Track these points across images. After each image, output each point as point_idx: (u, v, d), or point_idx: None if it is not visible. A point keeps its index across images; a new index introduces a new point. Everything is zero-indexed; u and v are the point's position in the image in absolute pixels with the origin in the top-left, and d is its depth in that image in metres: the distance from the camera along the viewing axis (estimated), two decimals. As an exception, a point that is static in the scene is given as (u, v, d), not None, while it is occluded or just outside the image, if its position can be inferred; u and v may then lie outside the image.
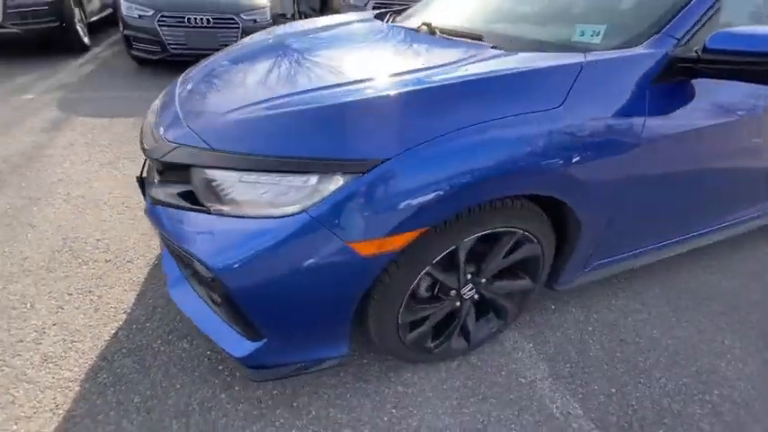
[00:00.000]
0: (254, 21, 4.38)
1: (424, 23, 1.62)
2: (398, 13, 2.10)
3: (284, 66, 1.34)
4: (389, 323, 1.14)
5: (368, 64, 1.23)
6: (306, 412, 1.23)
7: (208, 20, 4.17)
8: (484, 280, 1.26)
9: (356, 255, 0.93)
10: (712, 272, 1.95)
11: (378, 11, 2.19)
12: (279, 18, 6.42)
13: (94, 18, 5.42)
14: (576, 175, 1.07)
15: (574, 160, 1.05)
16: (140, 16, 4.08)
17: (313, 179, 0.91)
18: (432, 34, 1.54)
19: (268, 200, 0.94)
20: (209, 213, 0.99)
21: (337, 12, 4.66)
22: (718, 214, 1.65)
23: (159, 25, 4.08)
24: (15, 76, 3.95)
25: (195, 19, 4.14)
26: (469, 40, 1.39)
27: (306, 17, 6.97)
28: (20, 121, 3.01)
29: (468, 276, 1.22)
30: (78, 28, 4.76)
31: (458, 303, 1.28)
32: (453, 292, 1.23)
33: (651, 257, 1.62)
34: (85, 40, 4.96)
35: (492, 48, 1.28)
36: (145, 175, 1.36)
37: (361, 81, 1.06)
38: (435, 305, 1.22)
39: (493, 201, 1.05)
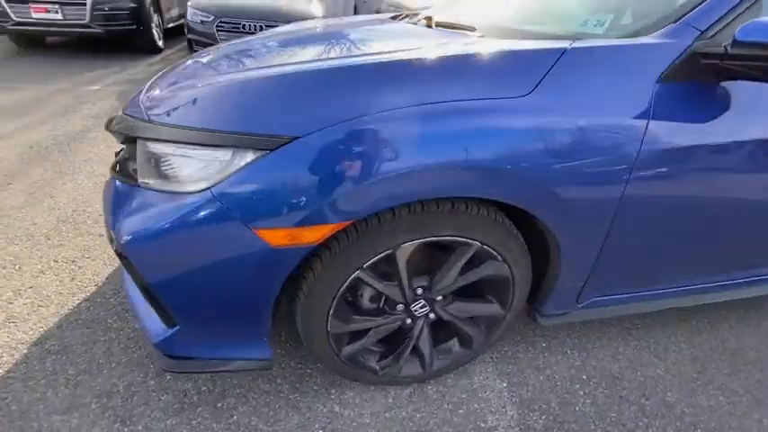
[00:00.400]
0: (305, 29, 4.54)
1: (424, 17, 1.52)
2: (417, 14, 2.02)
3: (266, 52, 1.30)
4: (318, 330, 1.02)
5: (331, 49, 1.14)
6: (227, 416, 1.13)
7: (261, 27, 4.39)
8: (440, 298, 1.10)
9: (263, 244, 0.83)
10: (763, 333, 1.57)
11: (394, 14, 2.12)
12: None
13: (171, 24, 5.98)
14: (546, 181, 0.88)
15: (543, 162, 0.87)
16: (202, 21, 4.42)
17: (227, 154, 0.83)
18: (428, 27, 1.43)
19: (185, 174, 0.87)
20: (138, 186, 0.95)
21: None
22: (755, 262, 1.32)
23: (217, 30, 4.38)
24: (90, 69, 4.43)
25: (249, 25, 4.38)
26: (460, 31, 1.26)
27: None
28: (79, 107, 3.33)
29: (419, 291, 1.06)
30: (154, 32, 5.26)
31: (408, 321, 1.12)
32: (401, 307, 1.08)
33: (667, 303, 1.33)
34: (159, 43, 5.47)
35: (479, 37, 1.15)
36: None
37: (306, 62, 0.98)
38: (377, 318, 1.08)
39: (438, 202, 0.90)
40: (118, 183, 1.05)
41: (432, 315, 1.13)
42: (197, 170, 0.86)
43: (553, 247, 1.04)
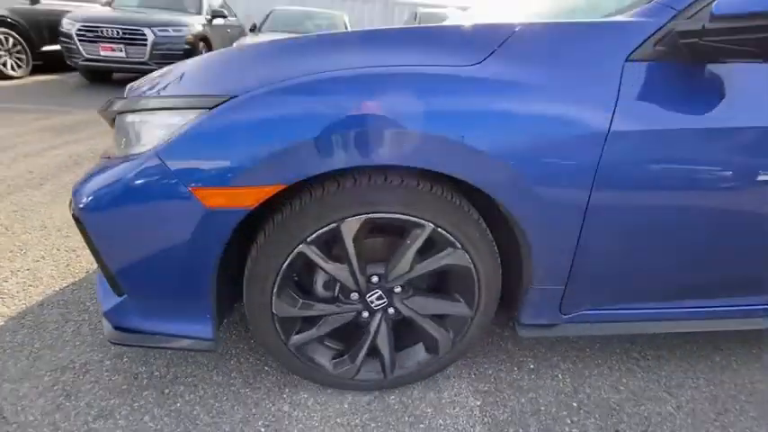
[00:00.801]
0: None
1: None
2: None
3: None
4: (262, 311, 0.97)
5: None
6: (171, 402, 1.08)
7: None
8: (399, 289, 1.02)
9: (199, 205, 0.82)
10: (806, 376, 1.31)
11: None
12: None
13: (221, 65, 6.60)
14: (494, 153, 0.82)
15: (494, 137, 0.82)
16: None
17: (176, 117, 0.86)
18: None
19: (142, 140, 0.90)
20: (107, 159, 0.99)
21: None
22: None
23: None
24: (145, 100, 4.91)
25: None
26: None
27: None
28: (123, 126, 3.66)
29: (374, 279, 1.00)
30: (204, 70, 5.82)
31: (365, 315, 1.04)
32: (355, 296, 1.01)
33: (674, 326, 1.16)
34: (208, 80, 6.02)
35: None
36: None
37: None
38: (328, 306, 1.01)
39: (387, 175, 0.87)
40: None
41: (391, 310, 1.05)
42: (152, 135, 0.89)
43: (522, 241, 0.96)
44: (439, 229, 0.92)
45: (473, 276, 0.99)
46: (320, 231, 0.89)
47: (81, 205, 0.91)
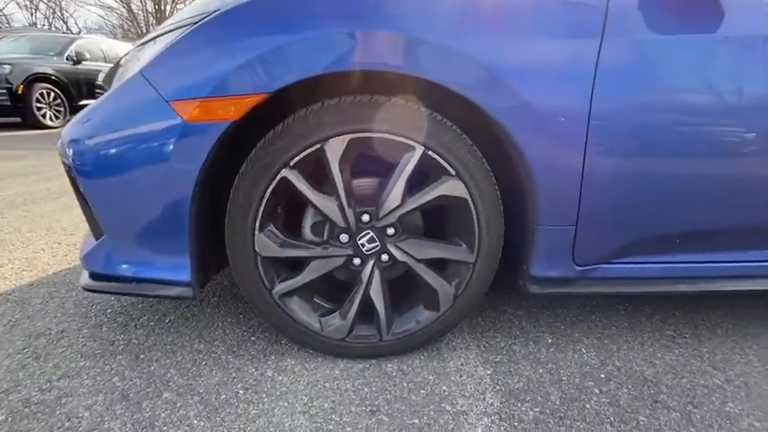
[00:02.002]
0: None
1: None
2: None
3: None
4: (244, 250, 0.90)
5: None
6: (145, 366, 0.98)
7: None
8: (392, 231, 0.94)
9: (179, 119, 0.80)
10: None
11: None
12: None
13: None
14: (485, 65, 0.79)
15: (475, 42, 0.79)
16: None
17: (164, 43, 0.87)
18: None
19: (128, 73, 0.91)
20: None
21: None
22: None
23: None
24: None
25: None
26: None
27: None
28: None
29: (366, 218, 0.93)
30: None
31: (357, 262, 0.96)
32: (345, 238, 0.94)
33: (715, 285, 1.03)
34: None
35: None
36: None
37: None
38: (314, 247, 0.94)
39: (372, 91, 0.83)
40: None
41: (384, 256, 0.96)
42: (141, 63, 0.89)
43: (522, 171, 0.89)
44: (430, 152, 0.86)
45: (471, 211, 0.91)
46: (304, 153, 0.85)
47: (66, 136, 0.90)
